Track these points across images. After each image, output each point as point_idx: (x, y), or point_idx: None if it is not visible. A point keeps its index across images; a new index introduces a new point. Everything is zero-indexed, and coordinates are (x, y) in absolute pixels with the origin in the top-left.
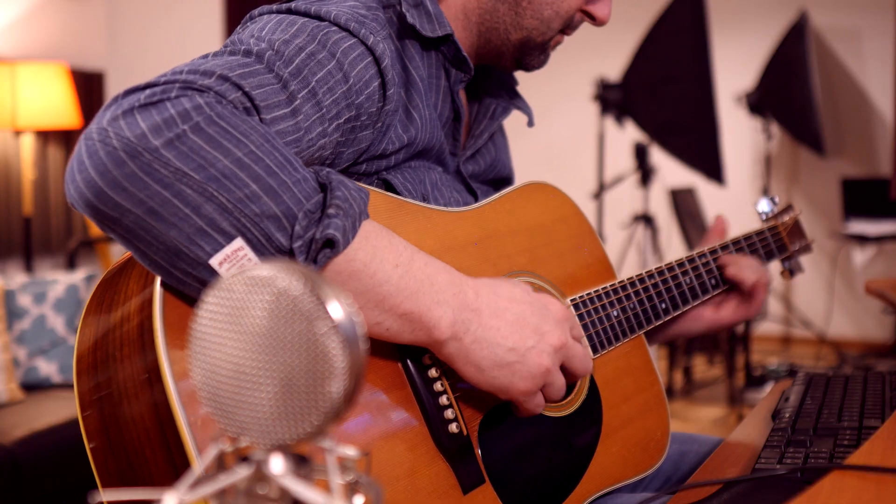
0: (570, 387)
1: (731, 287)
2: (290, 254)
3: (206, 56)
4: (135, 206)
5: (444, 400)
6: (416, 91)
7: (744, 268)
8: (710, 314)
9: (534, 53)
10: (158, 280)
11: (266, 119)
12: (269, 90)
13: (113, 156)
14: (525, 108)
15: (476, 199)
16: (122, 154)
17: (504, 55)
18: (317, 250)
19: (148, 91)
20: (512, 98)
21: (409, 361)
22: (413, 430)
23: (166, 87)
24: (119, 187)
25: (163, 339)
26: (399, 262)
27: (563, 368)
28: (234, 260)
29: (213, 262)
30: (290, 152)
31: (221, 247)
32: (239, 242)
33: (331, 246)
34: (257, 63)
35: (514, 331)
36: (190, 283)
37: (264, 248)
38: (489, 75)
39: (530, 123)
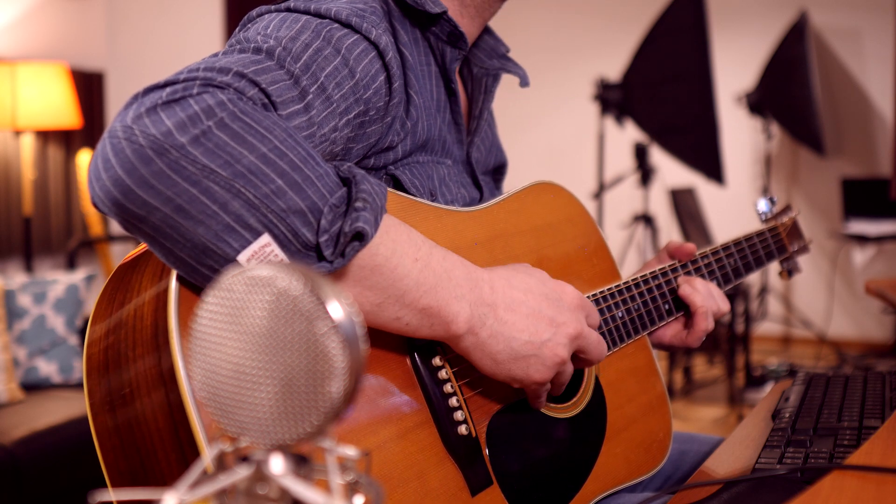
0: (576, 388)
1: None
2: (315, 249)
3: (216, 55)
4: (162, 203)
5: (453, 402)
6: (414, 74)
7: (698, 292)
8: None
9: None
10: (174, 277)
11: (282, 115)
12: (283, 86)
13: (140, 153)
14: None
15: (481, 193)
16: (150, 151)
17: None
18: (345, 243)
19: (169, 89)
20: (501, 63)
21: (419, 363)
22: (422, 431)
23: (187, 84)
24: (147, 185)
25: (178, 339)
26: (419, 257)
27: (577, 355)
28: (261, 256)
29: (241, 258)
30: (310, 147)
31: (249, 243)
32: (266, 238)
33: (360, 239)
34: (268, 60)
35: (530, 324)
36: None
37: (290, 244)
38: (478, 46)
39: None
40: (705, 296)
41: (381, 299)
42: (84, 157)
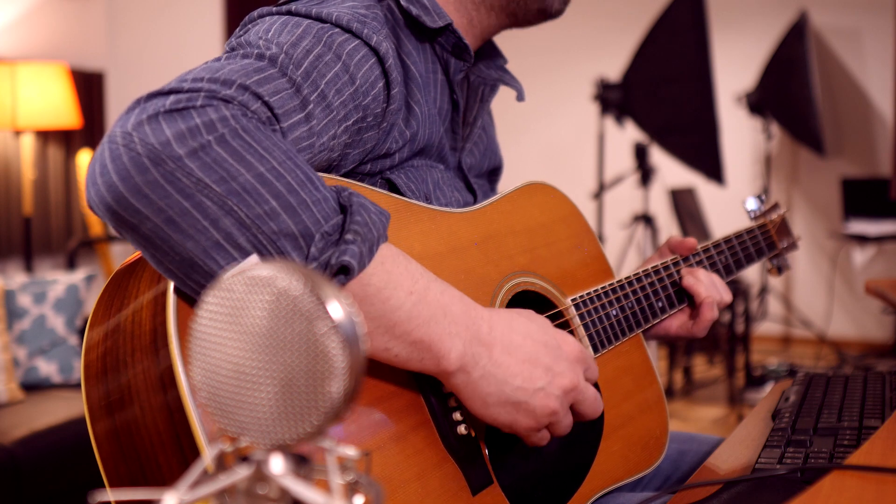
0: None
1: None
2: None
3: (218, 59)
4: (154, 213)
5: (452, 402)
6: (416, 85)
7: (701, 282)
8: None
9: None
10: (172, 284)
11: (284, 126)
12: (285, 96)
13: (136, 161)
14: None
15: (475, 197)
16: (146, 160)
17: (518, 12)
18: (331, 275)
19: (173, 97)
20: (500, 75)
21: None
22: (422, 432)
23: (191, 94)
24: (140, 194)
25: (177, 344)
26: (414, 290)
27: (573, 410)
28: None
29: None
30: (311, 170)
31: (236, 262)
32: (254, 259)
33: (345, 272)
34: (271, 67)
35: (525, 369)
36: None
37: None
38: (478, 55)
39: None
40: (708, 286)
41: (370, 328)
42: (84, 158)
